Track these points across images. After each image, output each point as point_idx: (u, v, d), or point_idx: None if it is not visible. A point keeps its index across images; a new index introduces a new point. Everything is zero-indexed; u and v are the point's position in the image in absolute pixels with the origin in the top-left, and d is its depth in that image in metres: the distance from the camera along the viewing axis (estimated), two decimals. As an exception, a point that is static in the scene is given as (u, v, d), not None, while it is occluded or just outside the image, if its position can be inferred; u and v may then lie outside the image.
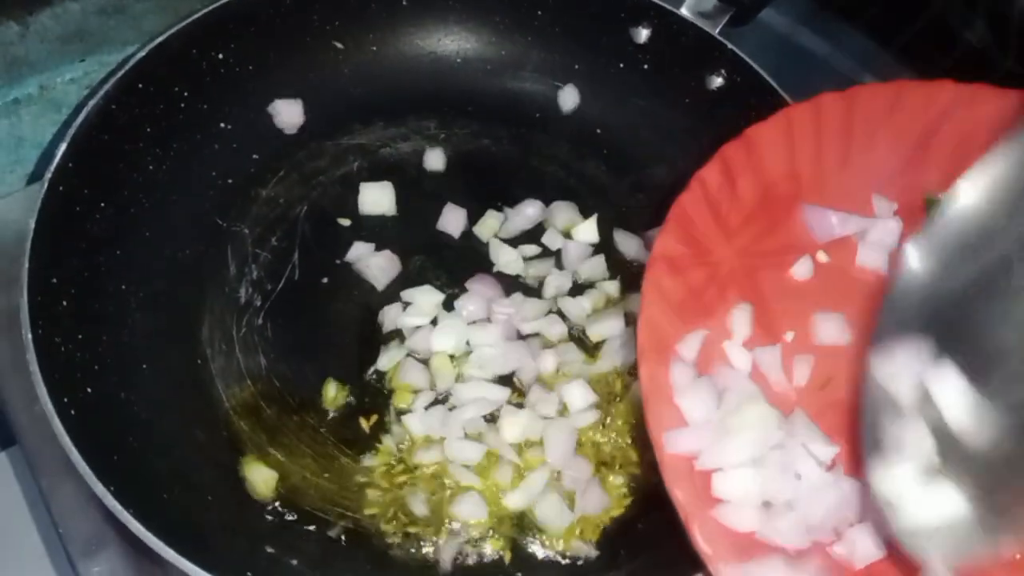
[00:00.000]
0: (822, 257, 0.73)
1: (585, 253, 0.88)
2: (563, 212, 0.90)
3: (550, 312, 0.84)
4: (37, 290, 0.70)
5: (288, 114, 0.91)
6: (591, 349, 0.83)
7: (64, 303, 0.72)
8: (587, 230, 0.89)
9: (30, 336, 0.67)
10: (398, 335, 0.82)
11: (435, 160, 0.92)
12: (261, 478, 0.73)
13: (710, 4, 0.92)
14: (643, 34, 0.94)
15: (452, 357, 0.81)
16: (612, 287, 0.86)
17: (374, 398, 0.79)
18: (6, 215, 0.87)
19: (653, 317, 0.65)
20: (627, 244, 0.89)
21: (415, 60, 0.96)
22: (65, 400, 0.66)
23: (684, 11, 0.91)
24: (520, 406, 0.78)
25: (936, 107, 0.74)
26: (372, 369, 0.80)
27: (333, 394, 0.78)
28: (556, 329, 0.82)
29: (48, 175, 0.74)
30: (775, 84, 0.88)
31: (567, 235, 0.89)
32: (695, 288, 0.68)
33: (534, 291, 0.86)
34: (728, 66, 0.90)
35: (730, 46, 0.89)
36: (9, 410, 0.79)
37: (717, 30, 0.91)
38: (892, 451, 0.55)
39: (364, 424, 0.77)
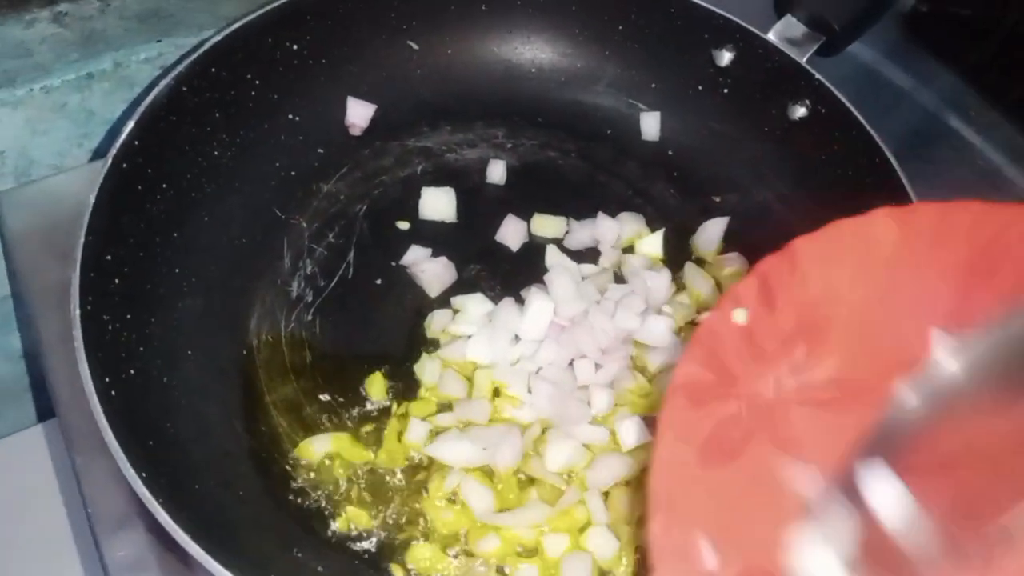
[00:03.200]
0: None
1: (646, 266, 0.84)
2: (630, 224, 0.87)
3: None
4: (90, 266, 0.69)
5: (358, 115, 0.90)
6: (648, 378, 0.79)
7: (116, 281, 0.71)
8: (652, 243, 0.86)
9: (78, 312, 0.66)
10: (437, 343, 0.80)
11: (497, 173, 0.90)
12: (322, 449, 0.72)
13: (799, 31, 0.89)
14: (726, 57, 0.90)
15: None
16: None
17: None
18: (69, 188, 0.88)
19: (670, 460, 0.55)
20: (694, 276, 0.85)
21: (488, 67, 0.94)
22: (107, 380, 0.65)
23: (771, 36, 0.88)
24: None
25: (996, 229, 0.63)
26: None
27: (377, 389, 0.77)
28: (613, 356, 0.79)
29: (113, 151, 0.73)
30: (862, 119, 0.84)
31: (629, 249, 0.86)
32: (722, 425, 0.58)
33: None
34: (813, 96, 0.86)
35: (818, 76, 0.86)
36: (52, 383, 0.78)
37: (805, 58, 0.87)
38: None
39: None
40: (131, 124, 0.74)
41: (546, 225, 0.87)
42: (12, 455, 1.12)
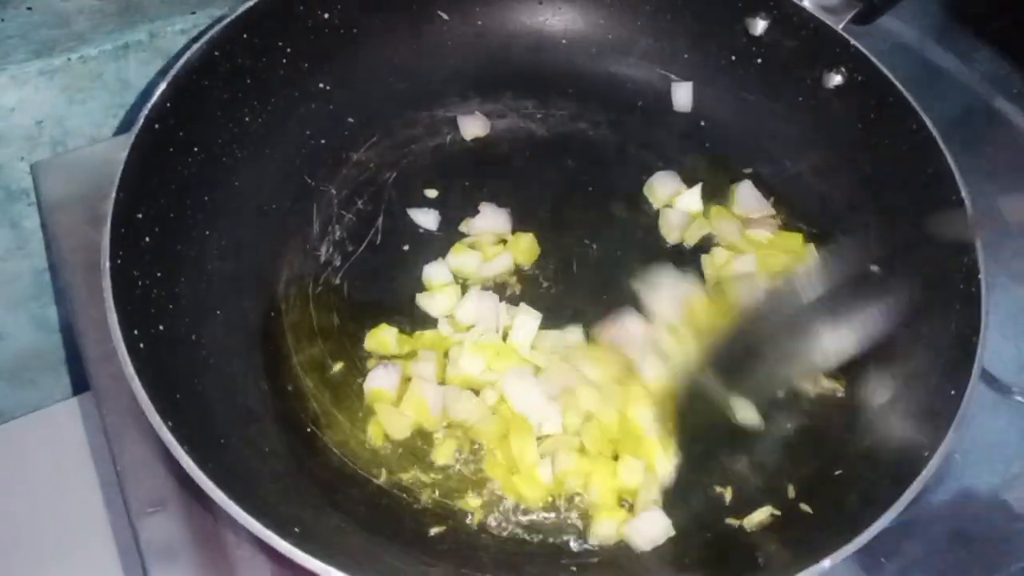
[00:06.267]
0: None
1: (685, 221, 0.85)
2: (666, 182, 0.87)
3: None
4: (121, 222, 0.69)
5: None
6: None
7: (147, 239, 0.72)
8: (691, 199, 0.86)
9: (108, 265, 0.66)
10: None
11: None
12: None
13: (835, 1, 0.87)
14: (760, 25, 0.89)
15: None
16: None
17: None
18: (105, 158, 0.88)
19: None
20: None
21: (519, 37, 0.94)
22: (135, 332, 0.65)
23: (806, 3, 0.87)
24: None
25: None
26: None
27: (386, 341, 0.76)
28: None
29: (145, 111, 0.74)
30: (900, 86, 0.82)
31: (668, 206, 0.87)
32: None
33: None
34: (850, 64, 0.85)
35: (854, 42, 0.84)
36: (85, 350, 0.79)
37: (841, 26, 0.86)
38: None
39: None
40: (163, 85, 0.75)
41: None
42: (47, 427, 1.13)
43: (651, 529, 0.68)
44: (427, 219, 0.84)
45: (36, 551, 1.03)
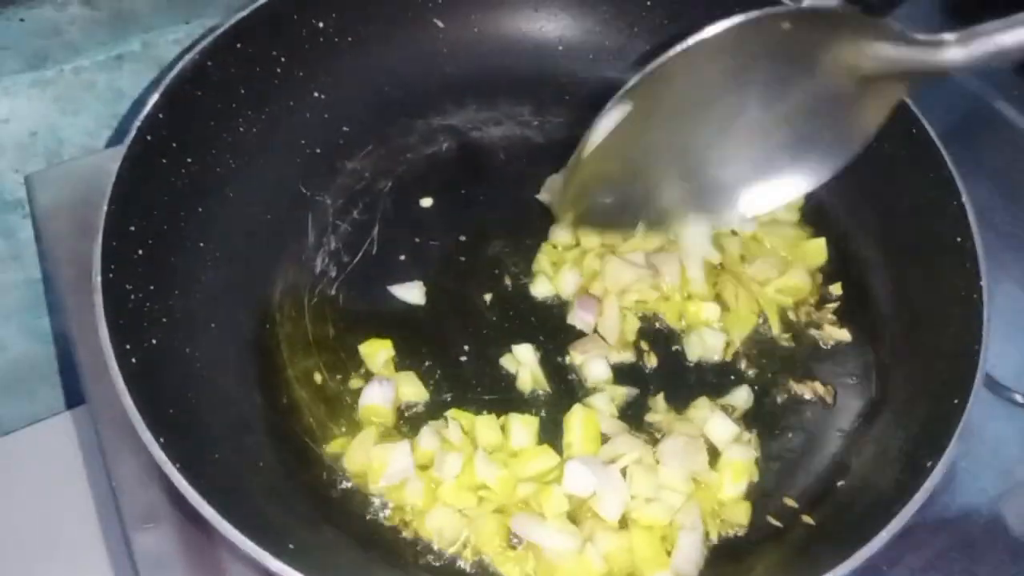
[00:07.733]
0: None
1: None
2: None
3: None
4: (113, 235, 0.69)
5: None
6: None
7: (140, 252, 0.71)
8: None
9: (99, 279, 0.66)
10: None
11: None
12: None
13: (833, 2, 0.86)
14: (757, 30, 0.88)
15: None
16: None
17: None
18: (100, 169, 0.87)
19: None
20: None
21: (515, 44, 0.93)
22: (127, 346, 0.65)
23: (804, 4, 0.86)
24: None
25: None
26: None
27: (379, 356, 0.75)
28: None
29: (137, 122, 0.73)
30: (910, 103, 0.81)
31: None
32: None
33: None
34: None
35: (853, 48, 0.83)
36: (80, 362, 0.78)
37: (838, 29, 0.85)
38: None
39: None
40: (156, 96, 0.75)
41: None
42: (42, 441, 1.13)
43: None
44: (411, 294, 0.80)
45: (29, 565, 1.02)
